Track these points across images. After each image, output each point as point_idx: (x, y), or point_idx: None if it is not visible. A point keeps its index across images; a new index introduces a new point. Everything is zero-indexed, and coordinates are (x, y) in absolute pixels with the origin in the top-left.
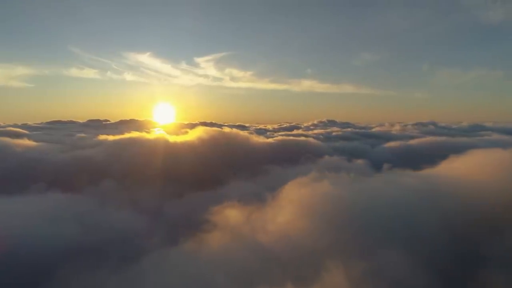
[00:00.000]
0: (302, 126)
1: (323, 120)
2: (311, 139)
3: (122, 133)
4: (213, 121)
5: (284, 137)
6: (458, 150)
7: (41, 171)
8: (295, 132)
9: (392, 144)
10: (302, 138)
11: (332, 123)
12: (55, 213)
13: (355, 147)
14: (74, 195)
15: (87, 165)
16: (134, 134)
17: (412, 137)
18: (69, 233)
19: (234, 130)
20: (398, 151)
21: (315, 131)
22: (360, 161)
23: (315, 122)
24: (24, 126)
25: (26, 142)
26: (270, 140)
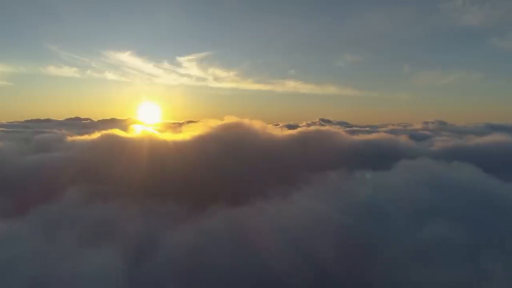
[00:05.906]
0: (300, 125)
1: (315, 120)
2: (341, 131)
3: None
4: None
5: (306, 129)
6: None
7: None
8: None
9: (447, 144)
10: (327, 128)
11: (327, 122)
12: None
13: (398, 147)
14: (14, 218)
15: (45, 172)
16: (114, 132)
17: (449, 137)
18: None
19: (245, 120)
20: (488, 151)
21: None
22: (463, 165)
23: (309, 122)
24: None
25: None
26: (293, 131)
